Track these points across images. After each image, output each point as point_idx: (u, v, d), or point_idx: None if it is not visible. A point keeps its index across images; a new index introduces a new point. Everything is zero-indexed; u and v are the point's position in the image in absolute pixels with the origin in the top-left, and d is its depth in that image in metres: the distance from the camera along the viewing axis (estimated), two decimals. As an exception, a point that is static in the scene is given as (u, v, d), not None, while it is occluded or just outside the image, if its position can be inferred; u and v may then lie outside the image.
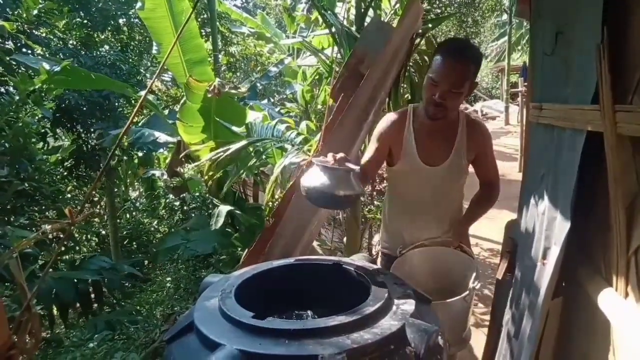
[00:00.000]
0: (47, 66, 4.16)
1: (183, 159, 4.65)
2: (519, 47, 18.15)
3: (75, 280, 3.83)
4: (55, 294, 3.65)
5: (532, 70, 1.75)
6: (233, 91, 4.33)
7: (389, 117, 1.72)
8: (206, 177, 3.94)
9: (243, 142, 3.24)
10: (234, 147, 3.12)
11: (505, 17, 15.17)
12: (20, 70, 4.58)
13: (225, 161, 3.31)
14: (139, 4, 4.87)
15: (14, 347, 0.95)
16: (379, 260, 1.97)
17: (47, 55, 5.28)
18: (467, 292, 1.43)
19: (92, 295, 4.12)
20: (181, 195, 5.18)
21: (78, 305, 4.08)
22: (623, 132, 1.02)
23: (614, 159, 1.05)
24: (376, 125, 1.77)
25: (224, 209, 3.89)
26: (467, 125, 1.69)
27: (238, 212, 4.02)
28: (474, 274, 1.50)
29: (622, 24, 1.06)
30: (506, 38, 14.36)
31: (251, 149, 3.54)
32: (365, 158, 1.68)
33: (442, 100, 1.51)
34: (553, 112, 1.42)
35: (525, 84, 7.01)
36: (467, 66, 1.51)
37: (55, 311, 3.93)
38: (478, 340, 2.23)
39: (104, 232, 6.70)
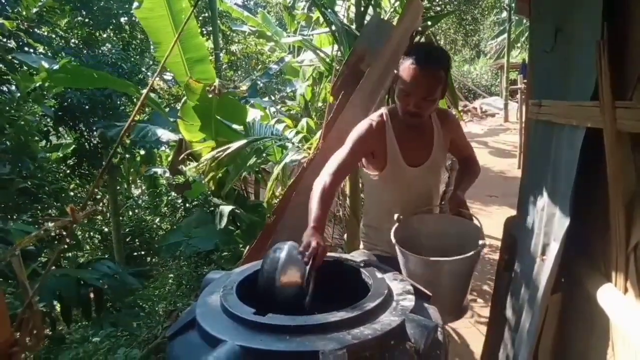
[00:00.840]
0: (46, 65, 4.16)
1: (185, 157, 4.65)
2: (519, 45, 18.08)
3: (79, 279, 3.83)
4: (57, 292, 3.65)
5: (532, 67, 1.76)
6: (235, 91, 4.34)
7: (369, 124, 1.65)
8: (205, 177, 3.95)
9: (243, 142, 3.24)
10: (234, 146, 3.12)
11: (504, 14, 15.13)
12: (21, 69, 4.58)
13: (225, 160, 3.32)
14: (135, 4, 4.82)
15: (16, 344, 0.96)
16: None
17: (50, 54, 5.28)
18: (475, 250, 1.40)
19: (92, 296, 4.13)
20: (184, 192, 5.19)
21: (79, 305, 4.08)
22: (623, 129, 1.02)
23: (614, 155, 1.06)
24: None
25: (226, 208, 3.89)
26: (439, 118, 1.71)
27: (239, 209, 4.03)
28: (479, 234, 1.48)
29: (622, 20, 1.06)
30: (505, 35, 14.32)
31: (248, 149, 3.54)
32: (338, 160, 1.55)
33: (417, 110, 1.52)
34: (552, 109, 1.43)
35: (525, 81, 6.99)
36: (437, 73, 1.49)
37: (57, 308, 3.95)
38: (477, 335, 2.24)
39: (106, 230, 6.73)
